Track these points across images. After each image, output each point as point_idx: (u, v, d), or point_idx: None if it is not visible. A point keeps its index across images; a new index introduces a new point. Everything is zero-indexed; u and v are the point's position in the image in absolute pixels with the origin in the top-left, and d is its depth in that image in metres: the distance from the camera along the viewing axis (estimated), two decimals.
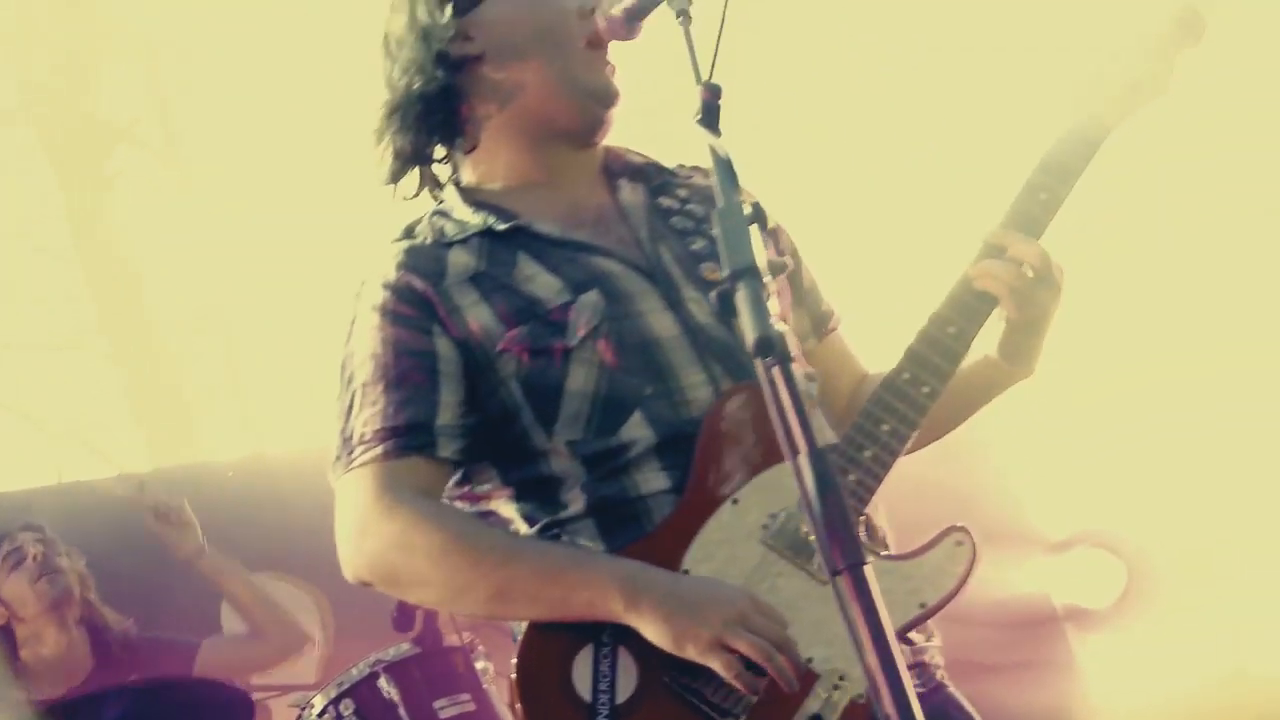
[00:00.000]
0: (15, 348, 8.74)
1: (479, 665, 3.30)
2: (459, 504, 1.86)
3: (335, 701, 3.19)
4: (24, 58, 7.95)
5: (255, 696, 3.44)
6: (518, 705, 1.71)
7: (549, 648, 1.72)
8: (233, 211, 8.20)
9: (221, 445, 8.43)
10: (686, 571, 1.70)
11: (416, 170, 1.93)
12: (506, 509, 1.83)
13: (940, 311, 1.78)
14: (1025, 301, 1.77)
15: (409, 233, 1.88)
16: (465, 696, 3.27)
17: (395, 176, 1.91)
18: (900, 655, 1.14)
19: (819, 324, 2.04)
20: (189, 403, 8.44)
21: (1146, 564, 4.72)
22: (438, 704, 3.23)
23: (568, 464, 1.78)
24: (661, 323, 1.79)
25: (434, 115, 1.86)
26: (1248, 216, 4.59)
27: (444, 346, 1.77)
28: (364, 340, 1.79)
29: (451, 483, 1.84)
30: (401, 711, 3.20)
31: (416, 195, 1.94)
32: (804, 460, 1.21)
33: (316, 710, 3.18)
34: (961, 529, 1.74)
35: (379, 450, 1.74)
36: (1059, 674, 4.82)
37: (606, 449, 1.75)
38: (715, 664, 1.61)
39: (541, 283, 1.79)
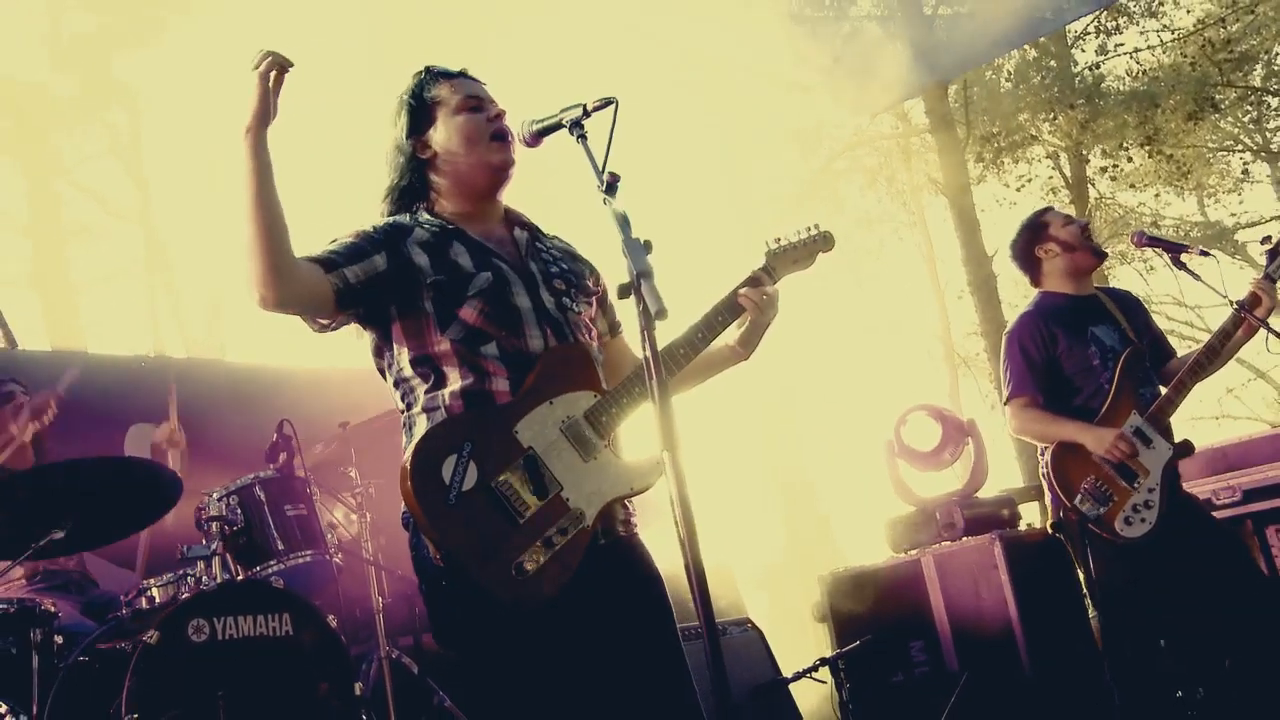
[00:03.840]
0: None
1: (311, 490, 4.91)
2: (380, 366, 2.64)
3: (227, 495, 4.66)
4: None
5: None
6: (408, 482, 2.27)
7: (431, 451, 2.33)
8: None
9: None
10: (517, 432, 2.40)
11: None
12: (407, 370, 2.55)
13: (716, 307, 2.72)
14: (760, 313, 2.75)
15: (398, 213, 2.70)
16: (302, 505, 4.81)
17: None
18: (689, 500, 1.91)
19: (613, 327, 2.86)
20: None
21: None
22: (286, 507, 4.74)
23: (449, 354, 2.50)
24: (522, 301, 2.57)
25: (410, 193, 2.73)
26: None
27: (379, 259, 2.52)
28: (354, 231, 2.57)
29: (372, 350, 2.62)
30: (265, 508, 4.68)
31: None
32: (656, 383, 1.99)
33: (215, 497, 4.62)
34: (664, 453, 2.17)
35: (319, 254, 2.49)
36: None
37: (473, 355, 2.50)
38: None
39: (463, 260, 2.58)
